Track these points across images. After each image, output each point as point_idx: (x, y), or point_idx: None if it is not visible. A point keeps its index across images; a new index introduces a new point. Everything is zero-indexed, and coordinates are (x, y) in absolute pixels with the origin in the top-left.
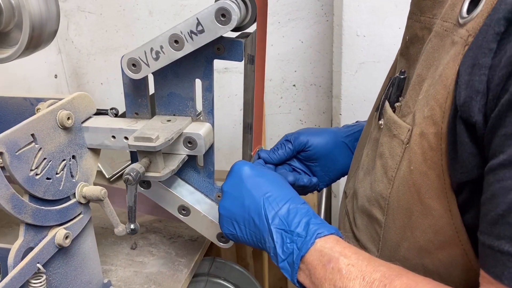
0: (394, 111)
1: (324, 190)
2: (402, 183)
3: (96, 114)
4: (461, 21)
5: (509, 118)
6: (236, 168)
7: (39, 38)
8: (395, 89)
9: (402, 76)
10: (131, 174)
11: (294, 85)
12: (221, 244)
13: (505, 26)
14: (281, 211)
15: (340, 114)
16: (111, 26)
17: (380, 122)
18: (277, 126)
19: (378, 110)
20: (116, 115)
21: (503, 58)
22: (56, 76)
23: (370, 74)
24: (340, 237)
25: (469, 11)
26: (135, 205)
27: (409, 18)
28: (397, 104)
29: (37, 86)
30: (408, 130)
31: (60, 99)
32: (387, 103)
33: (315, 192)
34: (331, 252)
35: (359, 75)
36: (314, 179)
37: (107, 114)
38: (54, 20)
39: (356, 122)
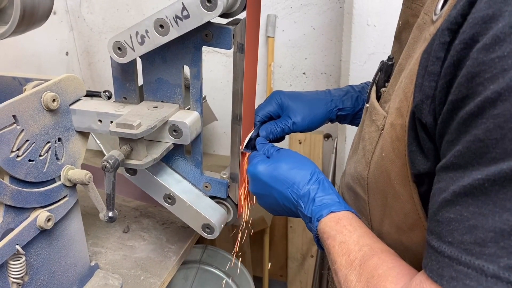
0: (380, 96)
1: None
2: (377, 167)
3: (89, 96)
4: (434, 17)
5: (451, 126)
6: (253, 172)
7: (31, 16)
8: (383, 74)
9: (389, 62)
10: (109, 161)
11: (304, 73)
12: (205, 235)
13: (449, 36)
14: (304, 197)
15: None
16: (122, 5)
17: (366, 105)
18: None
19: (367, 93)
20: (109, 98)
21: (444, 67)
22: (67, 54)
23: None
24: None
25: (443, 8)
26: (113, 193)
27: (403, 3)
28: (383, 89)
29: (48, 63)
30: (384, 117)
31: (47, 80)
32: (374, 88)
33: None
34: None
35: (368, 66)
36: (288, 124)
37: (100, 96)
38: None
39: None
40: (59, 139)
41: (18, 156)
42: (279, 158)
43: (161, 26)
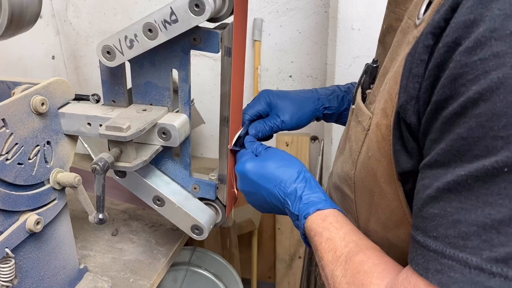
0: (365, 98)
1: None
2: (363, 167)
3: (78, 99)
4: (417, 21)
5: (435, 126)
6: (241, 170)
7: (19, 20)
8: (368, 76)
9: (374, 65)
10: (99, 163)
11: (290, 76)
12: (194, 236)
13: (433, 40)
14: (291, 195)
15: None
16: (109, 9)
17: (352, 106)
18: None
19: (353, 94)
20: (97, 101)
21: (427, 69)
22: (53, 58)
23: None
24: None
25: (425, 12)
26: (103, 195)
27: (387, 7)
28: (368, 91)
29: (34, 67)
30: (369, 118)
31: (36, 84)
32: (359, 89)
33: None
34: (317, 228)
35: (353, 69)
36: (277, 122)
37: (88, 100)
38: (36, 2)
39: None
40: (48, 143)
41: (7, 159)
42: (267, 156)
43: (150, 30)
